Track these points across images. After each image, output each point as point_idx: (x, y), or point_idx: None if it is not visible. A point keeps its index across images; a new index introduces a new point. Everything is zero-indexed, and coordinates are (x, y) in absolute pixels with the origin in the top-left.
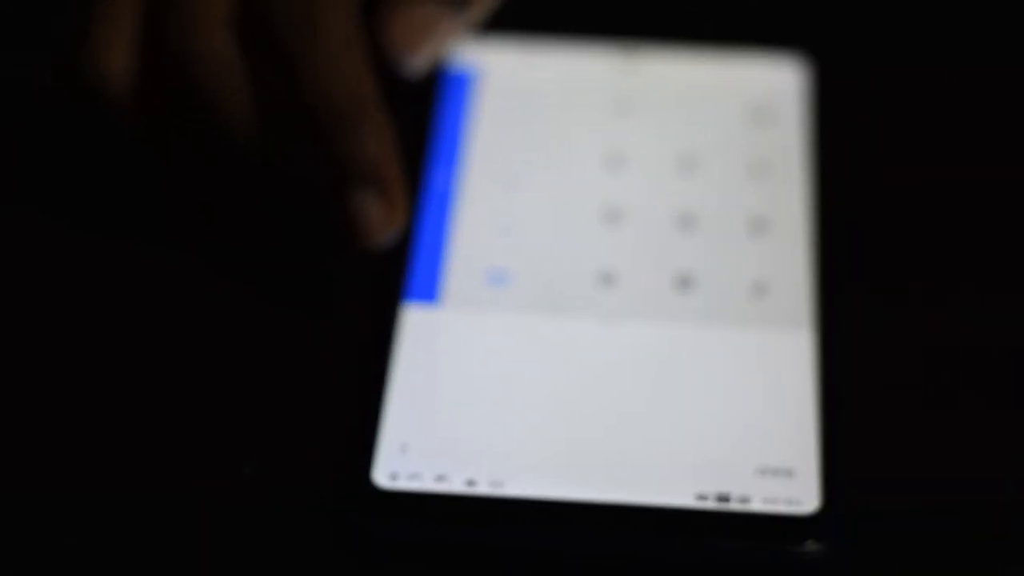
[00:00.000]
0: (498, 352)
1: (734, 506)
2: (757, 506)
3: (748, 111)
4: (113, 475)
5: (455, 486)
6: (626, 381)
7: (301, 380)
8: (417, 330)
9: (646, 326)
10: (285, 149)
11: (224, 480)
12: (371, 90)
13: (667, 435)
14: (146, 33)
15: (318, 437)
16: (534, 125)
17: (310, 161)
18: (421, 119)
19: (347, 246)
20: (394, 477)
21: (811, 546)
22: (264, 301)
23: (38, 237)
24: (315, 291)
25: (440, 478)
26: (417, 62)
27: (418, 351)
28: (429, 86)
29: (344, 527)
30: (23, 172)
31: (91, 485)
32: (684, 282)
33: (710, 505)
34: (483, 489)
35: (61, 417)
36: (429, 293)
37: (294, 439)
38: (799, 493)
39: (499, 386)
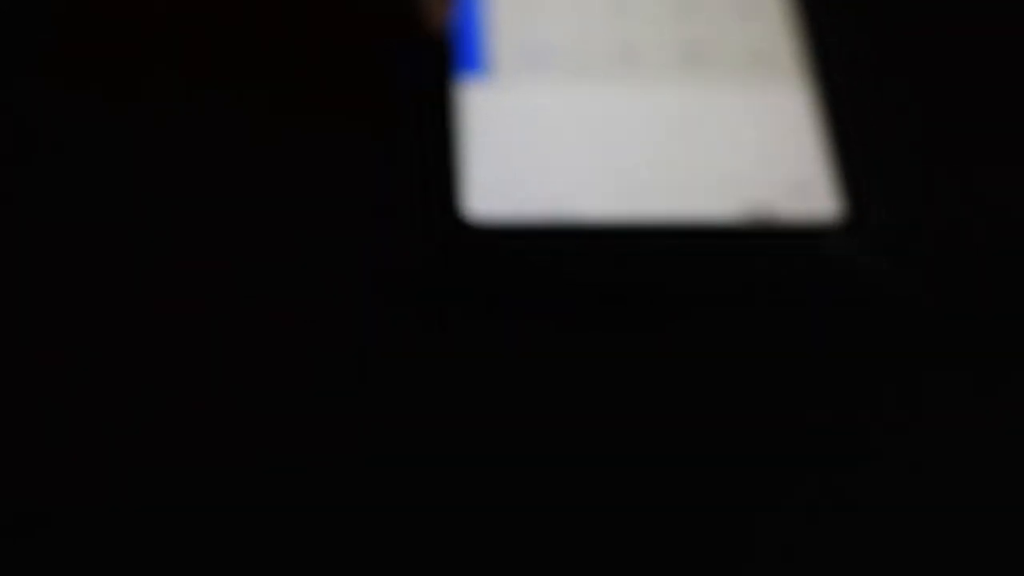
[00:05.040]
0: (548, 111)
1: (765, 221)
2: (785, 219)
3: None
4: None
5: (538, 220)
6: (658, 128)
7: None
8: (475, 99)
9: (665, 88)
10: None
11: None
12: None
13: (700, 160)
14: None
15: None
16: None
17: None
18: None
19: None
20: (483, 215)
21: (838, 252)
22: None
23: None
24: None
25: (523, 214)
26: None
27: (479, 117)
28: None
29: (433, 271)
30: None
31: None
32: (692, 55)
33: (742, 222)
34: (563, 219)
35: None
36: (479, 67)
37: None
38: (823, 205)
39: (557, 137)
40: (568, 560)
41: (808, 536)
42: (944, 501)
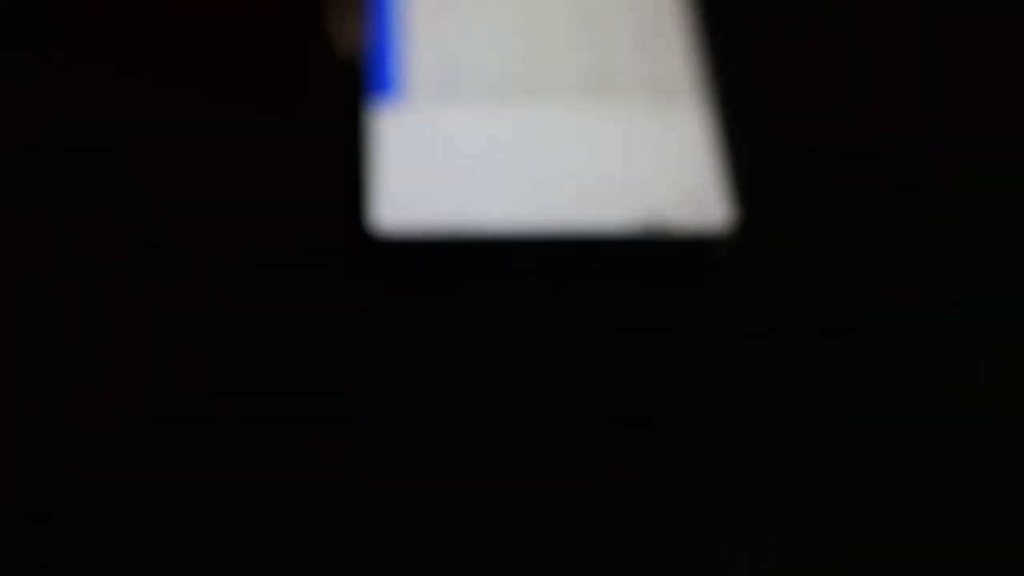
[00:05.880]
0: (458, 131)
1: (656, 231)
2: (676, 229)
3: None
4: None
5: (446, 230)
6: (560, 145)
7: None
8: (387, 121)
9: (569, 109)
10: None
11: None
12: None
13: (598, 173)
14: None
15: (317, 195)
16: None
17: None
18: None
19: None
20: (391, 226)
21: (724, 260)
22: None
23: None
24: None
25: (430, 224)
26: None
27: (391, 139)
28: None
29: (343, 278)
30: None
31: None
32: (597, 79)
33: (635, 231)
34: (469, 229)
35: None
36: (392, 90)
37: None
38: (711, 215)
39: (465, 154)
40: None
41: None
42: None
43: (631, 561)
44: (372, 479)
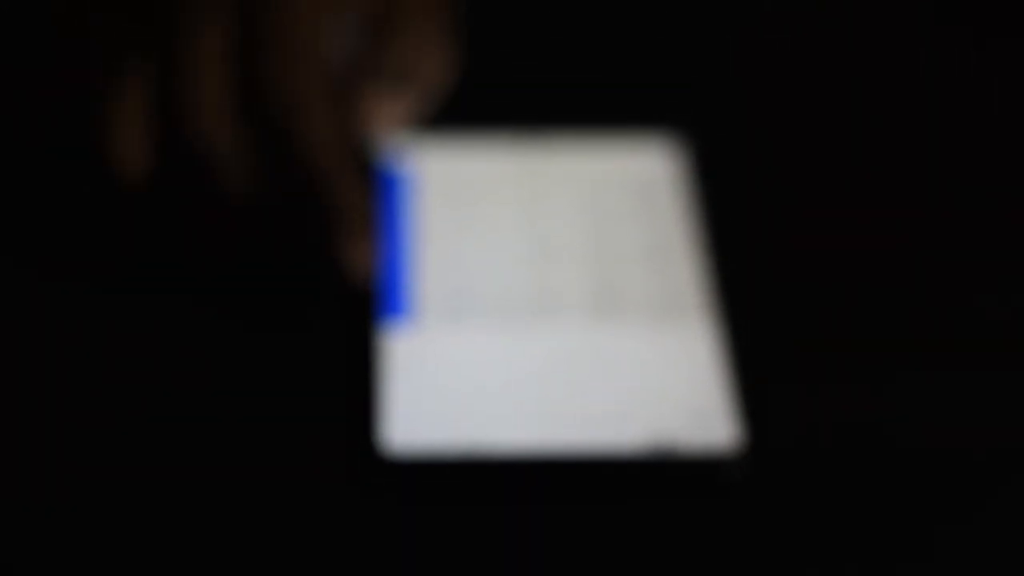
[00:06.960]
0: (468, 352)
1: (665, 451)
2: (684, 448)
3: (634, 188)
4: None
5: (457, 452)
6: (571, 366)
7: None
8: (398, 343)
9: (578, 331)
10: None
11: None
12: (352, 152)
13: (608, 394)
14: (158, 121)
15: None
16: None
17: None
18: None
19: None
20: (401, 447)
21: (733, 480)
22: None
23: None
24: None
25: (441, 446)
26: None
27: (401, 360)
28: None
29: (354, 500)
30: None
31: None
32: (606, 300)
33: (644, 453)
34: (479, 451)
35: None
36: (403, 313)
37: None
38: (719, 435)
39: (475, 375)
40: None
41: None
42: None
43: None
44: None
